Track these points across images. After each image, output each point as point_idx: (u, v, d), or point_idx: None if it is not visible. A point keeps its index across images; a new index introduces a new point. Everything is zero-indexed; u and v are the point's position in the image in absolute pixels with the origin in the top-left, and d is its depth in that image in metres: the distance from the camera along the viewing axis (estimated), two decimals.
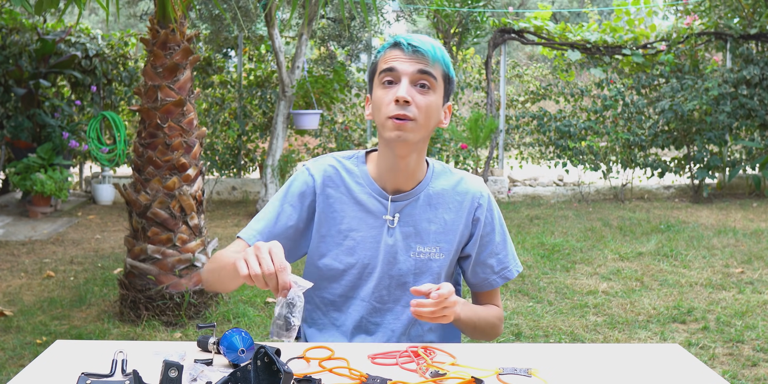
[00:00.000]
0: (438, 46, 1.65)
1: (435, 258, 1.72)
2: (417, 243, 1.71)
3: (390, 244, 1.70)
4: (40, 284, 4.90)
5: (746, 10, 8.95)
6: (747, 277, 5.02)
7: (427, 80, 1.61)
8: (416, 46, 1.60)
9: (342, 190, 1.72)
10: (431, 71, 1.61)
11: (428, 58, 1.61)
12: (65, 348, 1.58)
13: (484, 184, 1.79)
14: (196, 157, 4.19)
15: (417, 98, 1.60)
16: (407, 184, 1.71)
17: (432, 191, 1.72)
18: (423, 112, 1.60)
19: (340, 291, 1.74)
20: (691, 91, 8.44)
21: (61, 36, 8.36)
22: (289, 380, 1.22)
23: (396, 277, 1.72)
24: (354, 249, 1.72)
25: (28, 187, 7.22)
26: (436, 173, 1.75)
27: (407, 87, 1.59)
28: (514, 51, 17.81)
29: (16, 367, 3.39)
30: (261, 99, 8.86)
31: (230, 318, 4.15)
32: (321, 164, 1.76)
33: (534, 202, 8.54)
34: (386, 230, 1.71)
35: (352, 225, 1.71)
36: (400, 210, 1.71)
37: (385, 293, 1.73)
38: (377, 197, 1.71)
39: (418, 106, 1.60)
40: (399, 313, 1.74)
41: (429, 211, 1.72)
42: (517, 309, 4.33)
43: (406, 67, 1.60)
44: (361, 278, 1.73)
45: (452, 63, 1.79)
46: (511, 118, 9.30)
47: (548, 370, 1.48)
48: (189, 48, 4.15)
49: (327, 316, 1.77)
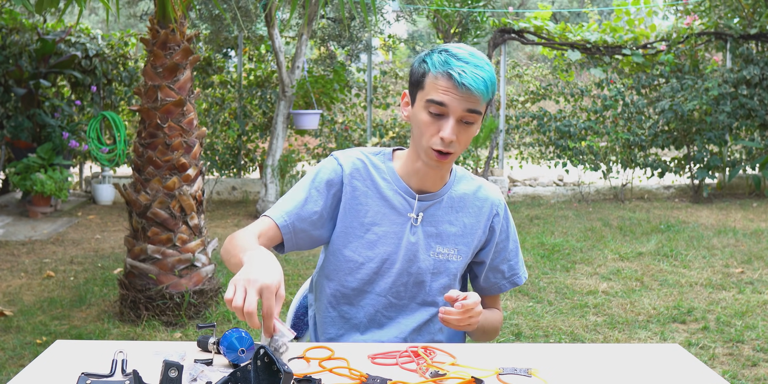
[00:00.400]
0: (490, 78, 1.61)
1: (453, 259, 1.76)
2: (437, 243, 1.75)
3: (412, 241, 1.73)
4: (40, 284, 4.90)
5: (746, 10, 8.95)
6: (747, 277, 5.02)
7: (473, 118, 1.63)
8: (469, 87, 1.58)
9: (368, 183, 1.75)
10: (479, 109, 1.62)
11: (479, 97, 1.61)
12: (65, 348, 1.58)
13: (500, 193, 1.84)
14: (196, 157, 4.19)
15: (461, 135, 1.63)
16: (435, 186, 1.75)
17: (455, 194, 1.77)
18: (463, 145, 1.65)
19: (356, 284, 1.75)
20: (691, 91, 8.44)
21: (61, 36, 8.36)
22: (289, 380, 1.22)
23: (414, 275, 1.75)
24: (375, 243, 1.73)
25: (28, 187, 7.22)
26: (458, 178, 1.79)
27: (453, 126, 1.61)
28: (514, 51, 17.81)
29: (16, 367, 3.39)
30: (261, 99, 8.86)
31: (230, 318, 4.15)
32: (349, 156, 1.77)
33: (534, 202, 8.54)
34: (409, 228, 1.74)
35: (376, 219, 1.74)
36: (424, 210, 1.74)
37: (403, 290, 1.76)
38: (404, 195, 1.74)
39: (460, 141, 1.64)
40: (413, 310, 1.77)
41: (451, 214, 1.76)
42: (517, 309, 4.33)
43: (456, 104, 1.60)
44: (378, 273, 1.74)
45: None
46: (511, 118, 9.30)
47: (548, 370, 1.48)
48: (189, 48, 4.15)
49: (336, 309, 1.78)
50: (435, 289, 1.76)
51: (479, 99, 1.60)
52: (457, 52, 1.61)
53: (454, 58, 1.60)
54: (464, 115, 1.61)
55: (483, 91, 1.60)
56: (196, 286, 4.15)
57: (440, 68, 1.60)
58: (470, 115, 1.61)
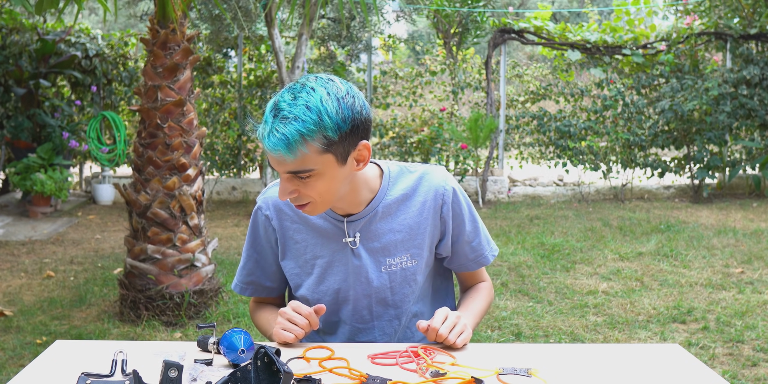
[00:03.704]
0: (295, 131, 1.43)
1: (408, 266, 1.70)
2: (386, 257, 1.69)
3: (357, 265, 1.68)
4: (40, 284, 4.90)
5: (746, 10, 8.95)
6: (747, 277, 5.02)
7: (300, 175, 1.49)
8: (272, 152, 1.45)
9: (296, 219, 1.71)
10: (299, 169, 1.47)
11: (287, 158, 1.45)
12: (65, 348, 1.58)
13: (446, 175, 1.72)
14: (196, 157, 4.19)
15: (302, 188, 1.51)
16: (360, 206, 1.66)
17: (391, 199, 1.68)
18: (318, 192, 1.52)
19: (325, 317, 1.73)
20: (691, 91, 8.44)
21: (61, 36, 8.36)
22: (289, 380, 1.22)
23: (373, 296, 1.71)
24: (323, 276, 1.71)
25: (28, 187, 7.22)
26: (393, 179, 1.69)
27: (285, 185, 1.51)
28: (514, 51, 17.81)
29: (16, 367, 3.39)
30: (261, 99, 8.85)
31: (230, 318, 4.15)
32: (269, 198, 1.73)
33: (534, 202, 8.54)
34: (350, 252, 1.68)
35: (316, 252, 1.71)
36: (359, 228, 1.67)
37: (366, 313, 1.73)
38: (332, 221, 1.68)
39: (305, 193, 1.52)
40: (385, 327, 1.75)
41: (392, 221, 1.68)
42: (517, 309, 4.33)
43: (277, 167, 1.50)
44: (337, 303, 1.73)
45: (452, 63, 1.72)
46: (511, 118, 9.30)
47: (548, 370, 1.48)
48: (189, 48, 4.15)
49: (322, 338, 1.80)
50: (399, 300, 1.73)
51: (289, 158, 1.45)
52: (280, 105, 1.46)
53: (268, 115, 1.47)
54: (289, 176, 1.50)
55: (284, 150, 1.43)
56: (196, 286, 4.15)
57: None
58: (294, 176, 1.49)
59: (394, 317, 1.74)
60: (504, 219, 7.32)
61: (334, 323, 1.77)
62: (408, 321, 1.76)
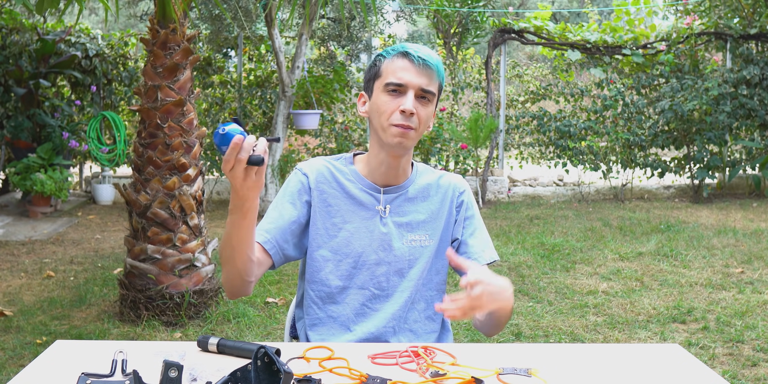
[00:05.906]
0: (440, 60, 1.79)
1: (425, 244, 1.84)
2: (408, 231, 1.84)
3: (384, 232, 1.82)
4: (40, 284, 4.90)
5: (746, 10, 8.95)
6: (747, 277, 5.02)
7: (429, 95, 1.75)
8: (426, 61, 1.73)
9: (334, 186, 1.84)
10: (432, 90, 1.75)
11: (434, 74, 1.75)
12: (65, 348, 1.58)
13: (464, 181, 1.94)
14: (196, 157, 4.19)
15: (420, 110, 1.74)
16: (398, 179, 1.84)
17: (418, 186, 1.87)
18: (423, 122, 1.75)
19: (337, 282, 1.81)
20: (691, 91, 8.44)
21: (61, 36, 8.35)
22: (289, 380, 1.22)
23: (393, 264, 1.82)
24: (349, 239, 1.81)
25: (28, 187, 7.22)
26: (420, 172, 1.90)
27: (413, 100, 1.72)
28: (514, 51, 17.81)
29: (16, 367, 3.39)
30: (261, 99, 8.85)
31: (230, 318, 4.15)
32: (312, 165, 1.87)
33: (534, 202, 8.54)
34: (379, 220, 1.82)
35: (346, 217, 1.82)
36: (391, 202, 1.84)
37: (384, 280, 1.82)
38: (369, 191, 1.83)
39: (420, 117, 1.74)
40: (397, 299, 1.83)
41: (417, 204, 1.85)
42: (517, 309, 4.33)
43: (414, 80, 1.73)
44: (356, 267, 1.81)
45: (452, 63, 2.01)
46: (511, 118, 9.30)
47: (548, 370, 1.48)
48: (189, 48, 4.15)
49: (323, 309, 1.82)
50: (415, 275, 1.82)
51: (433, 76, 1.74)
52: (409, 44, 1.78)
53: (407, 44, 1.77)
54: (421, 92, 1.73)
55: (437, 67, 1.75)
56: (196, 286, 4.15)
57: (396, 51, 1.76)
58: (426, 94, 1.74)
59: (407, 289, 1.83)
60: (504, 219, 7.32)
61: (346, 289, 1.81)
62: (417, 304, 1.84)
